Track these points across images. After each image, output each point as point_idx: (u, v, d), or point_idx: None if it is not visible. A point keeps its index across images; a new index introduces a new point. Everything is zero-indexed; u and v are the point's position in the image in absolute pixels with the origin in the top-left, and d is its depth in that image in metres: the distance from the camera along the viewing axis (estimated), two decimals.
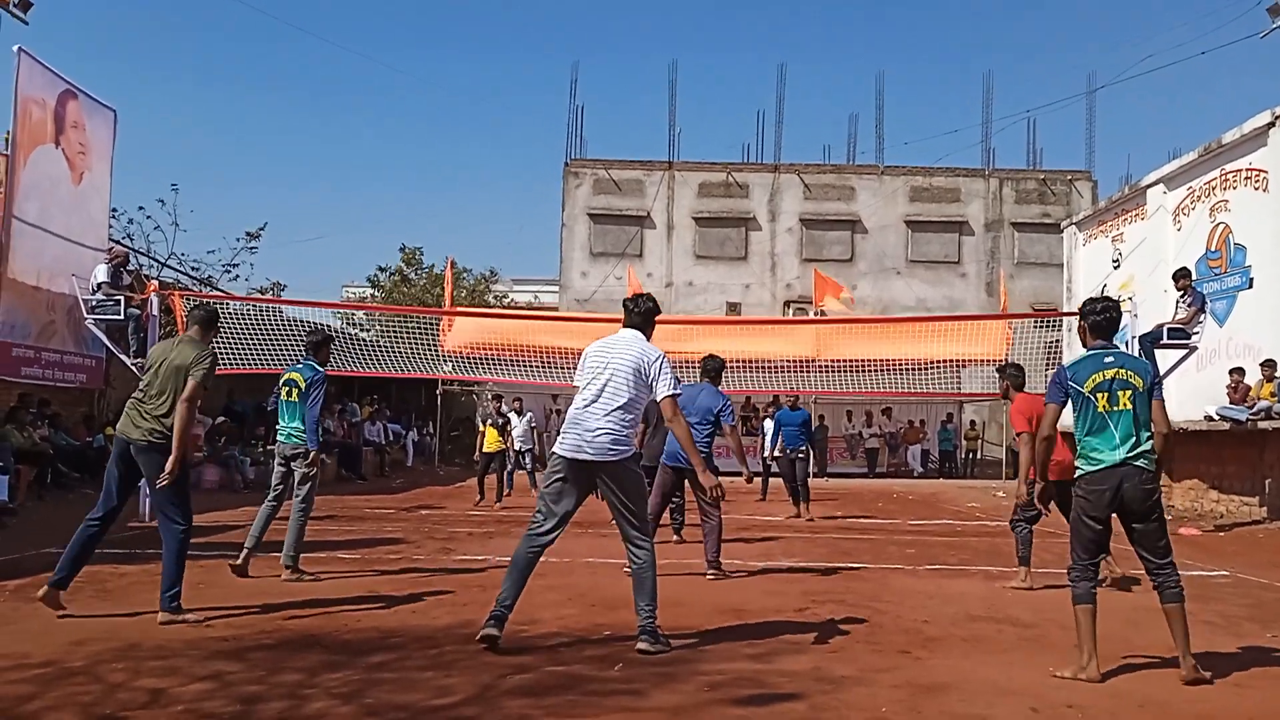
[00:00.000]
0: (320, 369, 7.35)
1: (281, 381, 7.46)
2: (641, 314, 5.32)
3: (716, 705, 4.06)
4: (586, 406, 5.05)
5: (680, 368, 7.75)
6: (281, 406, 7.33)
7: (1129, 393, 4.61)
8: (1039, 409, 7.25)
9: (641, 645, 4.89)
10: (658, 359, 5.09)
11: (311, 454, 7.19)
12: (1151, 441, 4.59)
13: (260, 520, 7.22)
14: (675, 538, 9.79)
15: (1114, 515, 4.65)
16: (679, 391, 5.21)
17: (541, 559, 5.14)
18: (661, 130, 58.12)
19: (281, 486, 7.41)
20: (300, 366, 7.41)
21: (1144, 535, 4.63)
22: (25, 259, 13.78)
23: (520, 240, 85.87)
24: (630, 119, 72.12)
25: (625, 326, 5.30)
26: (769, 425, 15.13)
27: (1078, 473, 4.70)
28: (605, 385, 5.04)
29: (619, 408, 5.00)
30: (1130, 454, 4.54)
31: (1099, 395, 4.63)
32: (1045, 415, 4.93)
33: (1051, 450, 5.05)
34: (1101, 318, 4.86)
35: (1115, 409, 4.59)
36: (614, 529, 5.23)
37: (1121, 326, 14.83)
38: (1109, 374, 4.65)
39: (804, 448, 13.07)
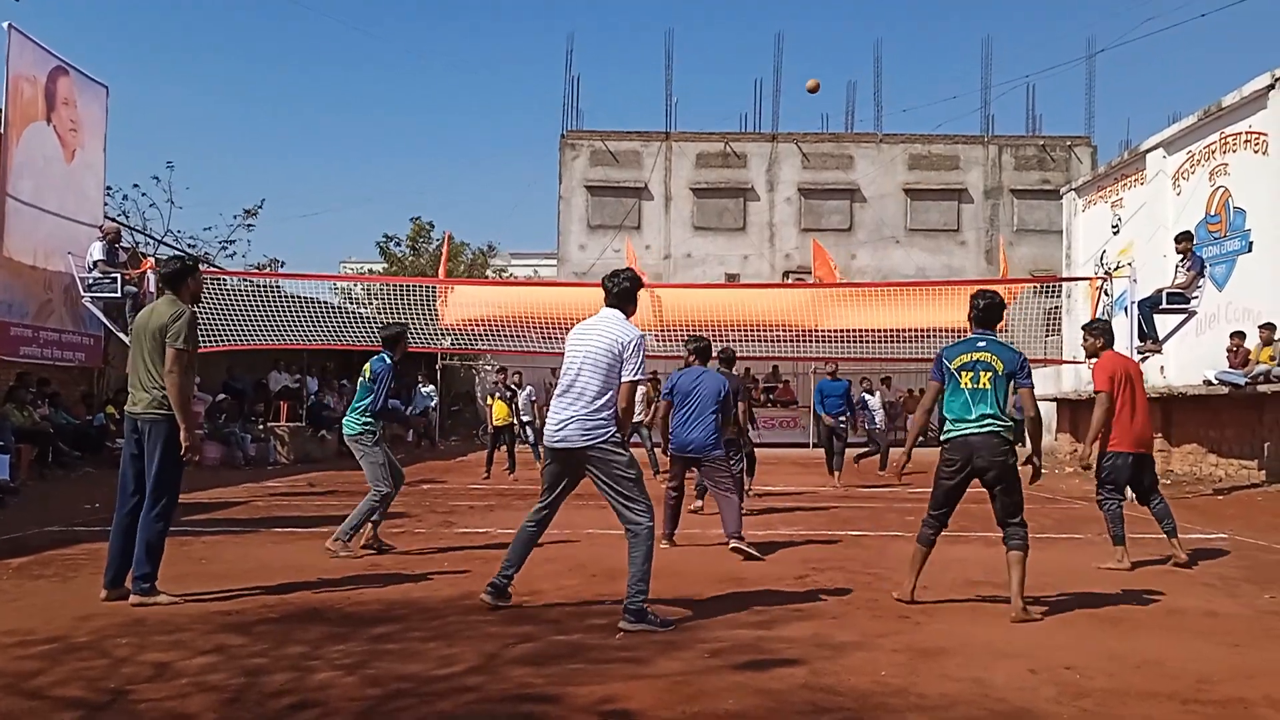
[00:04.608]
0: (389, 361, 7.59)
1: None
2: (618, 293, 5.20)
3: (718, 672, 4.09)
4: (560, 395, 5.05)
5: (675, 342, 7.76)
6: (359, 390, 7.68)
7: None
8: (1120, 367, 7.05)
9: (622, 624, 4.79)
10: (633, 340, 4.99)
11: (364, 437, 7.46)
12: None
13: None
14: (698, 501, 9.78)
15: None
16: (642, 378, 5.13)
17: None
18: (658, 101, 57.78)
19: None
20: (374, 359, 7.65)
21: None
22: (21, 238, 13.74)
23: (518, 213, 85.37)
24: (627, 90, 71.68)
25: (605, 305, 5.20)
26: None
27: None
28: (578, 374, 5.00)
29: (592, 394, 4.94)
30: None
31: None
32: None
33: None
34: None
35: None
36: None
37: (1121, 292, 14.75)
38: None
39: (844, 416, 13.66)
